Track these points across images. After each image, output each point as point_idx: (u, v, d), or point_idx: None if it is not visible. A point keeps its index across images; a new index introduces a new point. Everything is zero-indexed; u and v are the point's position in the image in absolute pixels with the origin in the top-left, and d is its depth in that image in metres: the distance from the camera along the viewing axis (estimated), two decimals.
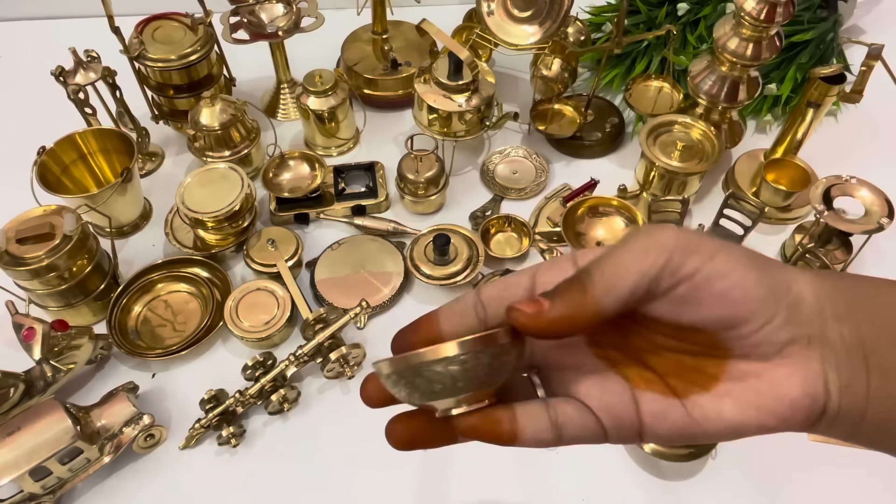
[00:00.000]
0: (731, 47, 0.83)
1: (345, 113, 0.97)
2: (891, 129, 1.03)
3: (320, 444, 0.75)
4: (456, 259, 0.85)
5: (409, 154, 0.90)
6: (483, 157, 1.01)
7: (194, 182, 0.86)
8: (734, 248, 0.30)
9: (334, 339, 0.77)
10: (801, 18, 1.00)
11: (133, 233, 0.93)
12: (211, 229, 0.86)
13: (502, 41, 0.92)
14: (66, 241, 0.76)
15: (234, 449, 0.75)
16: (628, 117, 1.04)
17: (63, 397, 0.72)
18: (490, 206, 0.95)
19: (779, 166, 0.92)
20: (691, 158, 0.89)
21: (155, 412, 0.74)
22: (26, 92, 1.08)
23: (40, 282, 0.77)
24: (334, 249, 0.88)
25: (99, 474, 0.72)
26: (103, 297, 0.83)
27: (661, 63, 1.02)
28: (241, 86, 1.04)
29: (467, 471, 0.74)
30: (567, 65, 0.94)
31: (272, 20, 0.94)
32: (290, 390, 0.76)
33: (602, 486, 0.73)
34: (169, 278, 0.86)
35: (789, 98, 1.00)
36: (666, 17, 1.03)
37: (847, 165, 0.88)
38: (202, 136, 0.91)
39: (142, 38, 0.90)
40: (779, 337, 0.30)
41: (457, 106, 0.88)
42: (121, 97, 0.93)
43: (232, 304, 0.81)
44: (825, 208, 0.80)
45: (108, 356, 0.81)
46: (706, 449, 0.72)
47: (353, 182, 0.95)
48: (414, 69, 1.02)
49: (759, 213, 0.84)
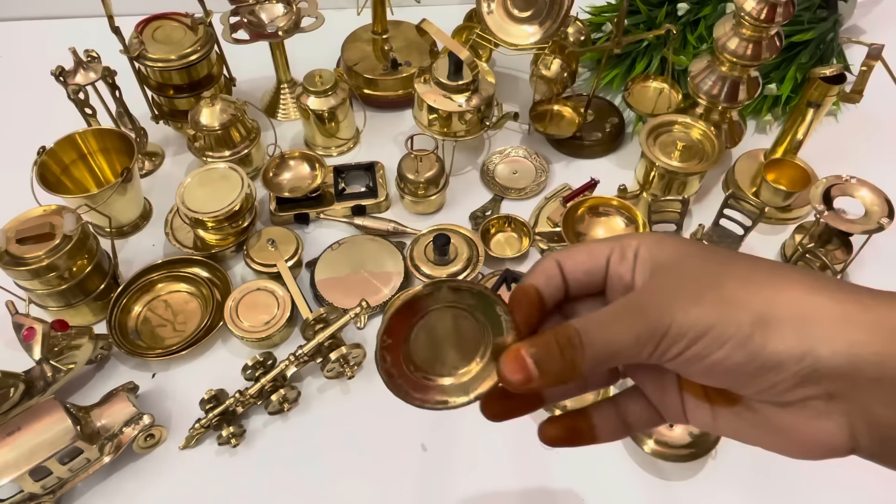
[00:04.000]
0: (731, 47, 0.83)
1: (345, 113, 0.97)
2: (891, 129, 1.03)
3: (320, 444, 0.75)
4: (456, 259, 0.85)
5: (409, 154, 0.90)
6: (483, 157, 1.01)
7: (194, 182, 0.86)
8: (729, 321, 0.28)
9: (334, 339, 0.77)
10: (801, 18, 1.00)
11: (133, 233, 0.93)
12: (211, 229, 0.86)
13: (502, 41, 0.92)
14: (66, 241, 0.76)
15: (234, 449, 0.75)
16: (628, 117, 1.04)
17: (63, 397, 0.72)
18: (490, 206, 0.95)
19: (779, 166, 0.92)
20: (691, 158, 0.89)
21: (155, 412, 0.74)
22: (26, 92, 1.08)
23: (40, 282, 0.77)
24: (334, 249, 0.88)
25: (99, 474, 0.72)
26: (103, 297, 0.83)
27: (661, 63, 1.02)
28: (241, 86, 1.04)
29: (467, 471, 0.74)
30: (567, 65, 0.94)
31: (272, 20, 0.94)
32: (290, 390, 0.76)
33: (602, 486, 0.73)
34: (169, 278, 0.86)
35: (789, 98, 1.00)
36: (666, 17, 1.03)
37: (847, 165, 0.88)
38: (202, 136, 0.91)
39: (142, 38, 0.90)
40: (786, 398, 0.29)
41: (457, 106, 0.88)
42: (121, 97, 0.93)
43: (232, 304, 0.81)
44: (825, 208, 0.80)
45: (108, 356, 0.81)
46: (706, 449, 0.72)
47: (353, 182, 0.95)
48: (414, 69, 1.02)
49: (759, 213, 0.84)
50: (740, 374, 0.29)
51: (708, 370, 0.29)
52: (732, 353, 0.28)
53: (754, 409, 0.31)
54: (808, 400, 0.29)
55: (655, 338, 0.29)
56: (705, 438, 0.72)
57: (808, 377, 0.28)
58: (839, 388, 0.28)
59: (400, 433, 0.76)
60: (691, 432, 0.73)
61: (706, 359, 0.29)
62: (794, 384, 0.28)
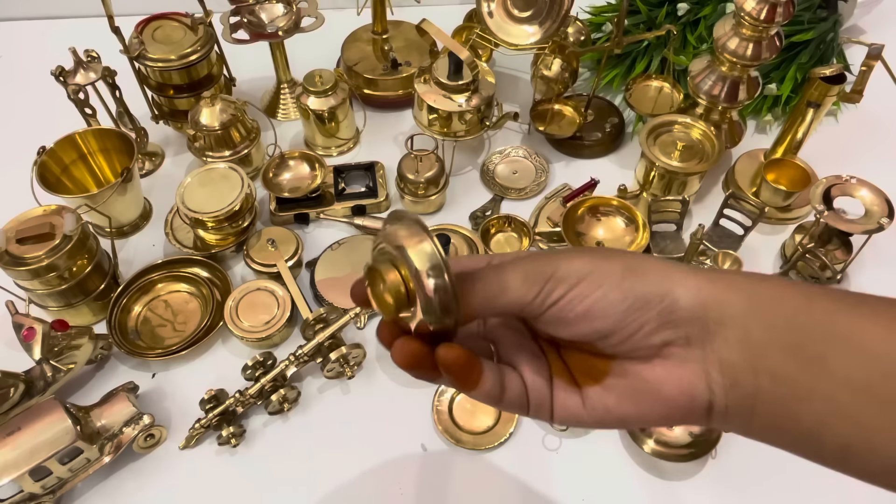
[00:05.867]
0: (731, 47, 0.83)
1: (345, 113, 0.97)
2: (891, 129, 1.03)
3: (320, 444, 0.75)
4: None
5: (409, 154, 0.90)
6: (483, 157, 1.01)
7: (194, 182, 0.86)
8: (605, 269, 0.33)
9: (334, 339, 0.77)
10: (801, 18, 1.00)
11: (133, 233, 0.93)
12: (211, 229, 0.86)
13: (502, 41, 0.92)
14: (66, 241, 0.76)
15: (234, 449, 0.75)
16: (628, 117, 1.04)
17: (63, 397, 0.72)
18: (490, 206, 0.95)
19: (779, 166, 0.92)
20: (691, 158, 0.89)
21: (155, 412, 0.74)
22: (26, 92, 1.08)
23: (40, 282, 0.77)
24: (334, 249, 0.88)
25: (99, 474, 0.72)
26: (103, 297, 0.83)
27: (661, 63, 1.02)
28: (241, 86, 1.04)
29: (467, 471, 0.74)
30: (567, 65, 0.94)
31: (272, 20, 0.94)
32: (290, 390, 0.76)
33: (602, 486, 0.73)
34: (169, 278, 0.86)
35: (789, 98, 1.00)
36: (666, 17, 1.03)
37: (847, 165, 0.88)
38: (202, 136, 0.91)
39: (142, 38, 0.90)
40: (652, 341, 0.33)
41: (457, 106, 0.88)
42: (121, 97, 0.93)
43: (232, 304, 0.81)
44: (825, 208, 0.80)
45: (108, 356, 0.81)
46: (706, 449, 0.72)
47: (353, 182, 0.95)
48: (414, 69, 1.02)
49: (759, 213, 0.84)
50: (613, 312, 0.32)
51: (585, 313, 0.32)
52: (609, 293, 0.32)
53: (623, 374, 0.34)
54: (670, 346, 0.33)
55: (542, 278, 0.33)
56: (705, 438, 0.72)
57: (668, 319, 0.32)
58: (694, 331, 0.32)
59: (400, 433, 0.76)
60: (691, 432, 0.73)
61: (586, 299, 0.32)
62: (659, 325, 0.32)
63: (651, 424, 0.34)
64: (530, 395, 0.36)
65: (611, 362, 0.34)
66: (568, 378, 0.36)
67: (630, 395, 0.34)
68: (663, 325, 0.32)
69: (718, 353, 0.32)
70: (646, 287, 0.32)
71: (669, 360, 0.33)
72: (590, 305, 0.32)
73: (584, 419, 0.35)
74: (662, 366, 0.33)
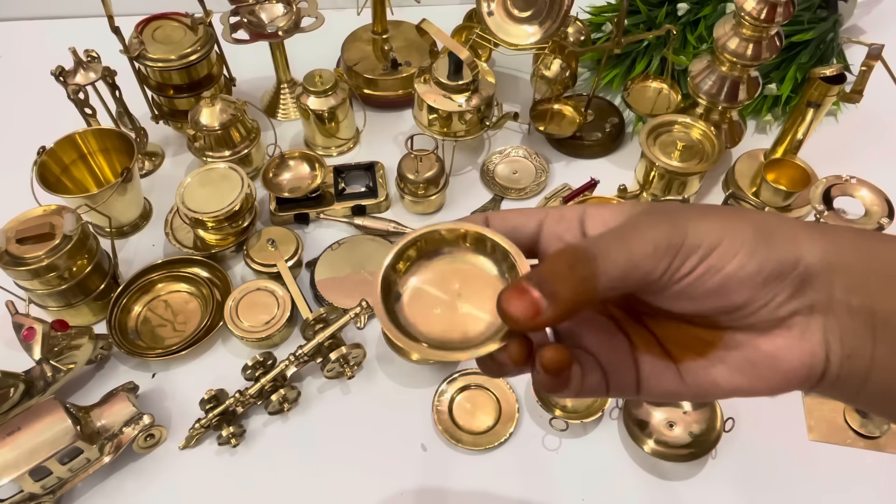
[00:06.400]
0: (731, 47, 0.83)
1: (345, 113, 0.97)
2: (891, 129, 1.03)
3: (320, 444, 0.75)
4: None
5: (409, 154, 0.90)
6: (483, 157, 1.01)
7: (194, 182, 0.86)
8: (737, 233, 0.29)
9: (334, 339, 0.77)
10: (801, 18, 1.00)
11: (133, 233, 0.93)
12: (211, 229, 0.86)
13: (502, 41, 0.92)
14: (66, 241, 0.76)
15: (234, 449, 0.75)
16: (628, 117, 1.04)
17: (63, 397, 0.72)
18: (490, 206, 0.95)
19: (779, 166, 0.92)
20: (691, 158, 0.89)
21: (155, 412, 0.74)
22: (26, 92, 1.08)
23: (40, 282, 0.77)
24: (334, 249, 0.88)
25: (99, 474, 0.72)
26: (103, 297, 0.83)
27: (661, 63, 1.02)
28: (241, 86, 1.04)
29: (467, 471, 0.74)
30: (567, 65, 0.94)
31: (272, 20, 0.94)
32: (290, 390, 0.76)
33: (602, 486, 0.73)
34: (169, 278, 0.86)
35: (789, 98, 1.00)
36: (666, 17, 1.03)
37: (847, 165, 0.88)
38: (202, 136, 0.91)
39: (142, 38, 0.90)
40: (780, 313, 0.30)
41: (457, 106, 0.88)
42: (120, 97, 0.93)
43: (232, 304, 0.81)
44: (825, 208, 0.80)
45: (108, 356, 0.81)
46: (706, 449, 0.72)
47: (353, 182, 0.95)
48: (414, 69, 1.02)
49: None
50: (750, 286, 0.29)
51: (719, 287, 0.29)
52: (746, 263, 0.28)
53: (735, 345, 0.31)
54: (794, 316, 0.30)
55: (673, 248, 0.28)
56: (705, 438, 0.72)
57: (799, 287, 0.29)
58: (819, 298, 0.29)
59: (400, 433, 0.76)
60: (691, 432, 0.73)
61: (720, 272, 0.28)
62: (789, 295, 0.29)
63: (759, 395, 0.31)
64: (609, 377, 0.32)
65: (722, 333, 0.31)
66: (658, 351, 0.32)
67: (742, 367, 0.31)
68: (794, 296, 0.29)
69: (841, 322, 0.29)
70: (779, 254, 0.29)
71: (791, 330, 0.30)
72: (724, 279, 0.28)
73: (683, 393, 0.32)
74: (783, 336, 0.30)
